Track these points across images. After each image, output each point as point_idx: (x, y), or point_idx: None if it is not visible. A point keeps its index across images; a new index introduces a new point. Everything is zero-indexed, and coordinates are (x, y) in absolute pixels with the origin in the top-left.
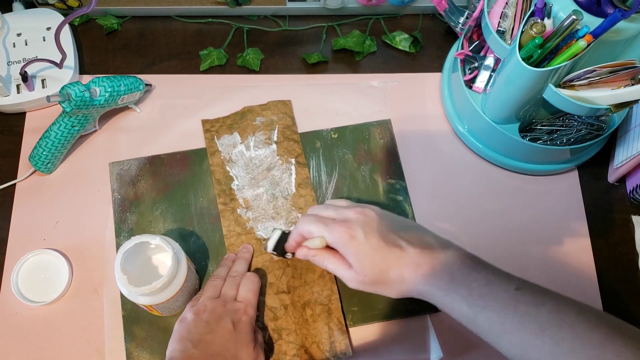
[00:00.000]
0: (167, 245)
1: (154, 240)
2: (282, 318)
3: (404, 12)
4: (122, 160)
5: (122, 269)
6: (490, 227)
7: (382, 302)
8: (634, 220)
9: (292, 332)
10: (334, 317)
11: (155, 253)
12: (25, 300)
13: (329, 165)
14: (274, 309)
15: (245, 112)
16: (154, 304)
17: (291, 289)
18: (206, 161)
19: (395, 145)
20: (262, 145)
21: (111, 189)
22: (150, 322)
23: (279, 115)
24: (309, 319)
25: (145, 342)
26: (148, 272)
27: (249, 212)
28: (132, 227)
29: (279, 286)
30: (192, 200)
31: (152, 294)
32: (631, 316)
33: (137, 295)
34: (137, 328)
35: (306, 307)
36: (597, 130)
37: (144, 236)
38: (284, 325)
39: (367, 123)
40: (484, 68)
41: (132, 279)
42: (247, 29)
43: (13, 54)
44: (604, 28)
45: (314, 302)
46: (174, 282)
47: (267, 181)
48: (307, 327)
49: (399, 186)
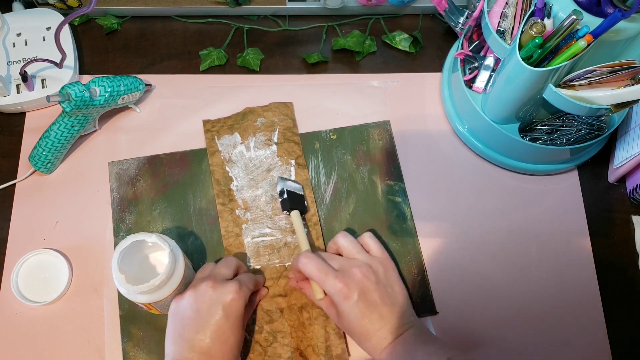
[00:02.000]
0: (163, 242)
1: (150, 238)
2: (277, 321)
3: (404, 12)
4: (122, 159)
5: (119, 268)
6: (490, 227)
7: None
8: (634, 220)
9: (287, 335)
10: (331, 321)
11: (152, 251)
12: (25, 300)
13: (327, 166)
14: (270, 312)
15: (246, 112)
16: (152, 302)
17: (288, 292)
18: (205, 162)
19: (394, 147)
20: (262, 146)
21: (110, 189)
22: (147, 322)
23: (280, 116)
24: (305, 322)
25: (142, 342)
26: (145, 271)
27: (248, 213)
28: (130, 226)
29: (275, 289)
30: (191, 201)
31: (151, 292)
32: (631, 316)
33: (135, 293)
34: (134, 328)
35: (303, 310)
36: (597, 130)
37: (140, 234)
38: (279, 327)
39: (366, 124)
40: (484, 68)
41: (129, 278)
42: (247, 29)
43: (13, 53)
44: (604, 28)
45: (311, 305)
46: (172, 280)
47: (266, 182)
48: (303, 330)
49: (398, 187)
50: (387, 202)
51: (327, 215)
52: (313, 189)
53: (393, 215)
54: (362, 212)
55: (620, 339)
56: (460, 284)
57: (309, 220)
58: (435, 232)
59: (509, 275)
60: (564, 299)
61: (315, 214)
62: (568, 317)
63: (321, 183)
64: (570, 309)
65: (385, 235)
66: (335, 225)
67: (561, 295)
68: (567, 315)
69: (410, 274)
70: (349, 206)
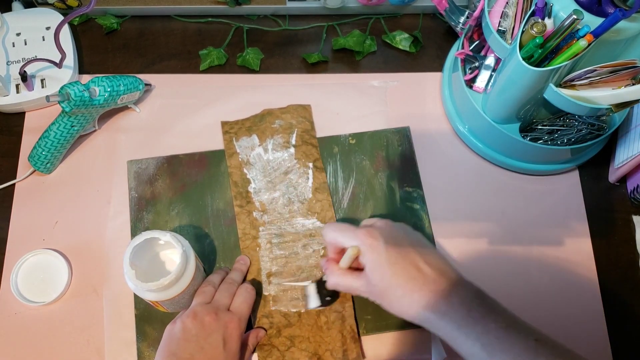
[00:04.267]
0: (176, 242)
1: (164, 236)
2: (295, 325)
3: (404, 12)
4: (140, 159)
5: (130, 263)
6: (490, 227)
7: None
8: (634, 220)
9: (304, 340)
10: (347, 325)
11: (164, 249)
12: (25, 300)
13: (346, 171)
14: (288, 316)
15: (264, 114)
16: (160, 300)
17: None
18: (224, 163)
19: (414, 153)
20: (280, 149)
21: (128, 187)
22: (162, 322)
23: (298, 119)
24: (323, 326)
25: (157, 342)
26: (156, 268)
27: (265, 215)
28: (147, 226)
29: (293, 293)
30: (209, 202)
31: (159, 290)
32: (631, 316)
33: (143, 290)
34: (149, 328)
35: (320, 314)
36: (597, 130)
37: (155, 232)
38: (297, 332)
39: (386, 130)
40: (484, 68)
41: (139, 274)
42: (247, 29)
43: (12, 53)
44: (604, 28)
45: (328, 309)
46: (182, 280)
47: (283, 185)
48: (321, 334)
49: (416, 194)
50: (405, 209)
51: (345, 220)
52: (331, 193)
53: (411, 223)
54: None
55: (620, 339)
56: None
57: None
58: (435, 232)
59: (509, 275)
60: (565, 298)
61: (332, 218)
62: (568, 317)
63: (339, 188)
64: (571, 308)
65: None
66: None
67: (561, 295)
68: (567, 315)
69: None
70: (366, 212)
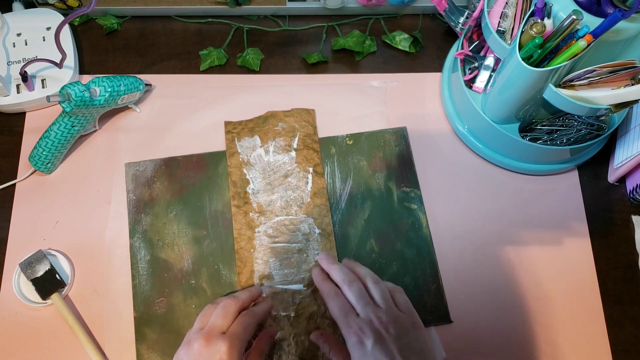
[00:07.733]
0: None
1: None
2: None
3: (404, 12)
4: (138, 161)
5: None
6: (490, 227)
7: None
8: (634, 220)
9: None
10: (338, 330)
11: None
12: (26, 300)
13: (343, 171)
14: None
15: (267, 116)
16: None
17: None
18: (222, 165)
19: (411, 153)
20: (282, 151)
21: (126, 190)
22: (161, 324)
23: (302, 123)
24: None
25: (156, 345)
26: None
27: (261, 217)
28: (146, 228)
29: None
30: (207, 204)
31: None
32: (631, 316)
33: None
34: (149, 330)
35: (310, 319)
36: (597, 130)
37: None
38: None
39: (383, 130)
40: (484, 68)
41: None
42: (247, 29)
43: (13, 53)
44: (604, 28)
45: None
46: None
47: (282, 187)
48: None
49: (414, 194)
50: (402, 209)
51: (342, 221)
52: (329, 195)
53: (408, 223)
54: (377, 218)
55: (620, 339)
56: (459, 284)
57: (324, 230)
58: (435, 232)
59: (508, 275)
60: (564, 298)
61: (329, 224)
62: (568, 317)
63: (337, 188)
64: (571, 309)
65: (401, 243)
66: (350, 231)
67: (561, 295)
68: (567, 315)
69: (425, 282)
70: (364, 212)
